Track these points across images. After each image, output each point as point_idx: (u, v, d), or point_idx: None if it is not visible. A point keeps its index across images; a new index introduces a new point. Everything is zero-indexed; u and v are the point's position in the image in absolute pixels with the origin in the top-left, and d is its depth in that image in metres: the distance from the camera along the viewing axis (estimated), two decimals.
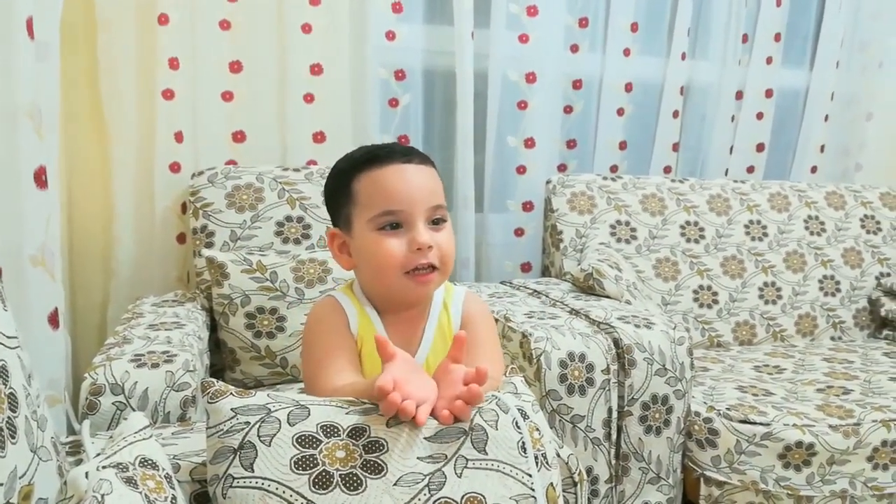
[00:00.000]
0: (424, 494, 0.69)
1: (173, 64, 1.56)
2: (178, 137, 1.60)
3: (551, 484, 0.76)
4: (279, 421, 0.71)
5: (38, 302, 1.13)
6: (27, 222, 1.10)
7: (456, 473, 0.71)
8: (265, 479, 0.68)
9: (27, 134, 1.06)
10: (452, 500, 0.70)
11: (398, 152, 0.90)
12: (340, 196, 0.91)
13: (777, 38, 2.04)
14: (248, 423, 0.70)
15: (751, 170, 2.12)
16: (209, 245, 1.50)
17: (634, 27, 1.94)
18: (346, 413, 0.73)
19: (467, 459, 0.72)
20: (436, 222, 0.89)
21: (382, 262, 0.87)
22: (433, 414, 0.73)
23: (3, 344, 0.60)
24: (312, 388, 0.87)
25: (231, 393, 0.73)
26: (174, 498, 0.65)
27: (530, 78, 1.87)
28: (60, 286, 1.16)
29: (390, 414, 0.71)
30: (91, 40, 1.54)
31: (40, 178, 1.10)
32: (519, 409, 0.78)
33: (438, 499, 0.70)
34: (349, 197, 0.90)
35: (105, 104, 1.57)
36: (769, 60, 2.04)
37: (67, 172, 1.54)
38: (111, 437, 0.73)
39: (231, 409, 0.71)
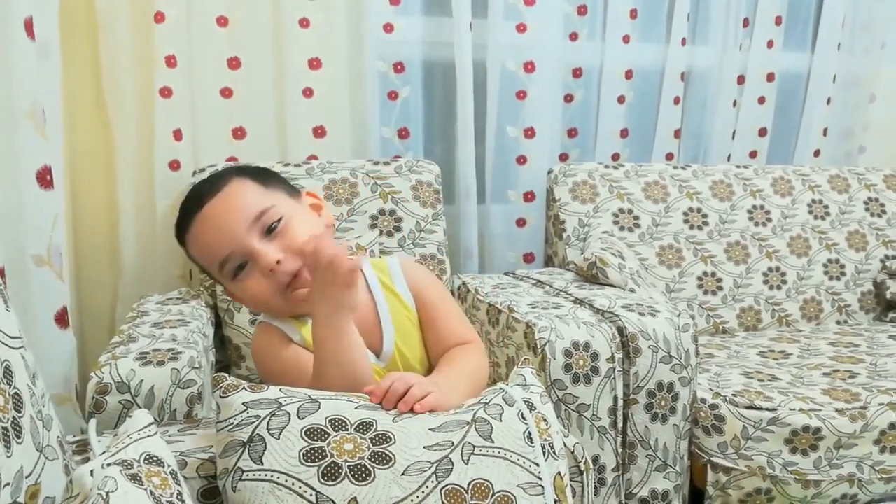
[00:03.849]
0: (432, 482, 0.70)
1: (170, 62, 1.56)
2: (177, 135, 1.60)
3: (559, 473, 0.76)
4: (288, 414, 0.71)
5: (45, 301, 1.13)
6: (29, 223, 1.09)
7: (463, 460, 0.72)
8: (274, 471, 0.68)
9: (27, 135, 1.06)
10: (460, 486, 0.70)
11: (194, 200, 0.89)
12: (192, 261, 0.94)
13: (778, 21, 2.02)
14: (258, 416, 0.70)
15: (753, 154, 2.11)
16: None
17: (633, 13, 1.93)
18: (356, 408, 0.74)
19: (474, 446, 0.73)
20: (271, 229, 0.86)
21: (259, 303, 0.88)
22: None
23: (6, 344, 0.60)
24: None
25: (243, 387, 0.73)
26: (180, 494, 0.65)
27: (529, 67, 1.86)
28: (68, 286, 1.16)
29: (388, 402, 0.75)
30: (93, 39, 1.54)
31: (44, 178, 1.10)
32: (526, 401, 0.79)
33: (446, 485, 0.70)
34: (194, 262, 0.93)
35: (106, 103, 1.57)
36: (770, 44, 2.03)
37: (72, 172, 1.54)
38: (116, 434, 0.73)
39: (242, 404, 0.71)
